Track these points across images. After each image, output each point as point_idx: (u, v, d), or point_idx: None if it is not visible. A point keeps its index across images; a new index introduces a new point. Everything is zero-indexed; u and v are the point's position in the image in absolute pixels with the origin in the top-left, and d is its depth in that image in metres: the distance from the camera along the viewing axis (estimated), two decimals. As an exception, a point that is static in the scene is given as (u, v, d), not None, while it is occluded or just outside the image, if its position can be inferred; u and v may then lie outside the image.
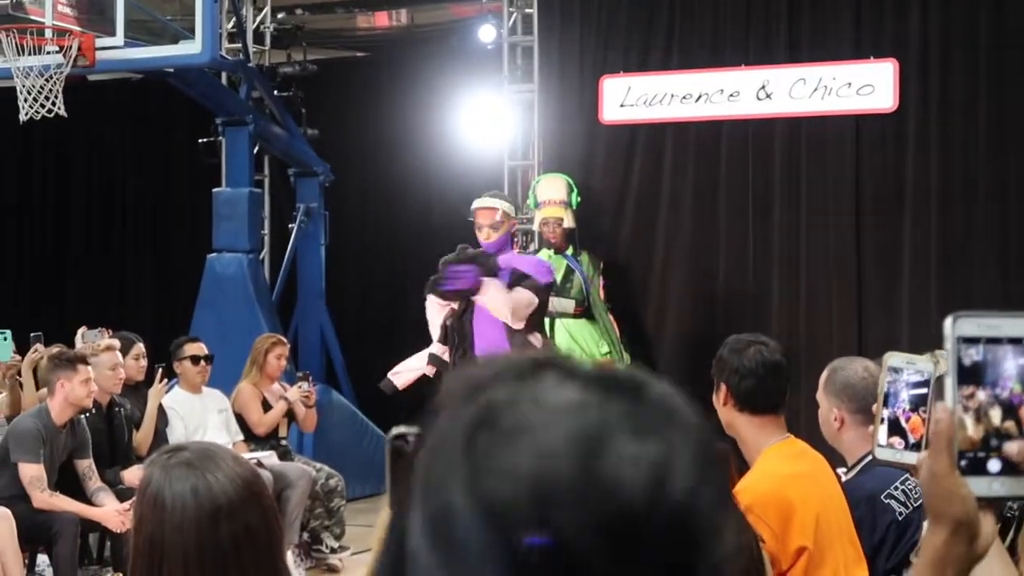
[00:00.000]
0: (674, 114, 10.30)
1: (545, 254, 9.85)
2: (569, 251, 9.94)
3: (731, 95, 10.12)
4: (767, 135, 10.15)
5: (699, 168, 10.35)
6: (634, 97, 10.34)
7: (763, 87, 10.02)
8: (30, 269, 14.30)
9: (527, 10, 11.11)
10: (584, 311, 9.81)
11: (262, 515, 2.20)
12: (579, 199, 10.07)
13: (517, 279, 7.26)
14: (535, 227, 10.27)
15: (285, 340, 8.67)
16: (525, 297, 7.19)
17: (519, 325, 7.16)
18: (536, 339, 7.31)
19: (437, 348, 7.49)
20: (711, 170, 10.32)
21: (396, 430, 1.30)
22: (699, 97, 10.17)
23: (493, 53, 11.49)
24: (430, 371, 7.52)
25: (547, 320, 9.64)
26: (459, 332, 7.32)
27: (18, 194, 14.48)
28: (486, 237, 7.44)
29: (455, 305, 7.36)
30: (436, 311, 7.46)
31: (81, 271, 14.03)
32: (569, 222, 9.96)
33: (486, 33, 11.60)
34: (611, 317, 9.86)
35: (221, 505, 2.13)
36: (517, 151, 11.18)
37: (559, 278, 9.77)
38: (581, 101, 10.70)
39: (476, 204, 7.62)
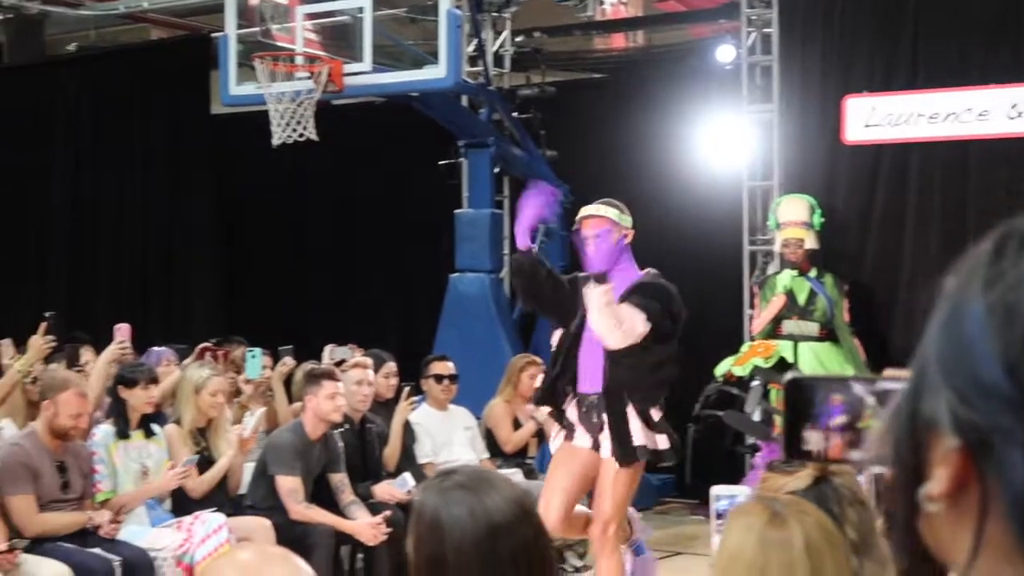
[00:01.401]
0: (921, 133, 10.09)
1: (788, 276, 9.75)
2: (812, 273, 9.82)
3: (980, 114, 9.87)
4: (1018, 154, 9.88)
5: (946, 187, 10.13)
6: (879, 117, 10.17)
7: (1014, 106, 9.76)
8: (277, 288, 14.73)
9: (766, 29, 11.03)
10: (828, 334, 9.69)
11: (535, 531, 2.28)
12: (822, 220, 9.95)
13: (633, 292, 6.35)
14: (776, 248, 10.18)
15: (539, 361, 8.77)
16: (633, 317, 6.21)
17: (620, 344, 6.16)
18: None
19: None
20: (958, 189, 10.09)
21: (791, 375, 1.44)
22: (947, 116, 9.95)
23: (731, 73, 11.44)
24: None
25: (791, 343, 9.54)
26: (565, 360, 6.53)
27: (262, 215, 14.96)
28: (593, 250, 6.42)
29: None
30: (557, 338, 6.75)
31: (326, 289, 14.38)
32: (811, 243, 9.85)
33: (724, 53, 11.56)
34: (855, 340, 9.71)
35: (498, 523, 2.21)
36: (756, 172, 11.10)
37: (802, 300, 9.66)
38: (823, 121, 10.57)
39: (581, 212, 6.56)
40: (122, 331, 7.84)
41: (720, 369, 9.80)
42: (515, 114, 11.73)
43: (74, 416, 6.60)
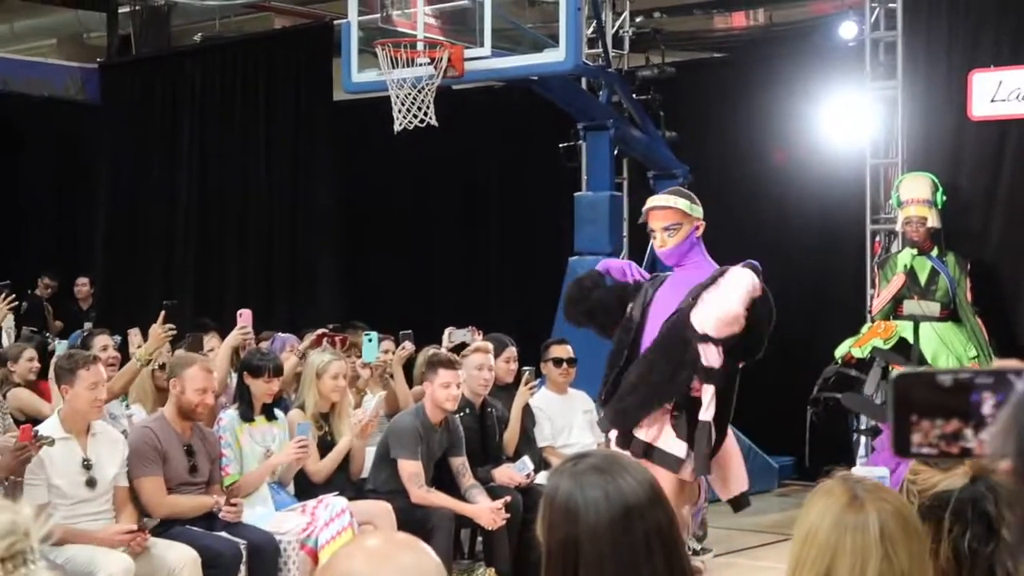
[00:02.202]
0: (1049, 108, 9.89)
1: (909, 254, 9.61)
2: (934, 252, 9.67)
3: (1112, 87, 9.65)
4: None
5: (1076, 163, 9.92)
6: (1005, 91, 9.96)
7: None
8: (399, 272, 14.86)
9: (890, 4, 10.86)
10: (950, 313, 9.53)
11: (667, 514, 2.28)
12: (944, 198, 9.78)
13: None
14: (898, 227, 10.04)
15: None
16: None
17: (720, 333, 5.73)
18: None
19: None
20: (1089, 165, 9.87)
21: (899, 371, 1.43)
22: (1076, 90, 9.73)
23: (854, 50, 11.29)
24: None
25: (912, 324, 9.40)
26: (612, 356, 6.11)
27: (384, 200, 15.10)
28: (660, 244, 5.96)
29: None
30: None
31: (446, 273, 14.49)
32: (933, 222, 9.69)
33: (847, 30, 11.40)
34: (978, 320, 9.54)
35: (632, 506, 2.23)
36: (880, 149, 10.96)
37: (924, 279, 9.51)
38: (948, 97, 10.39)
39: (648, 203, 6.11)
40: (244, 316, 7.98)
41: (840, 351, 9.70)
42: (634, 96, 11.69)
43: (200, 391, 6.72)
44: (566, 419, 8.65)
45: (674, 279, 5.97)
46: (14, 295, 8.56)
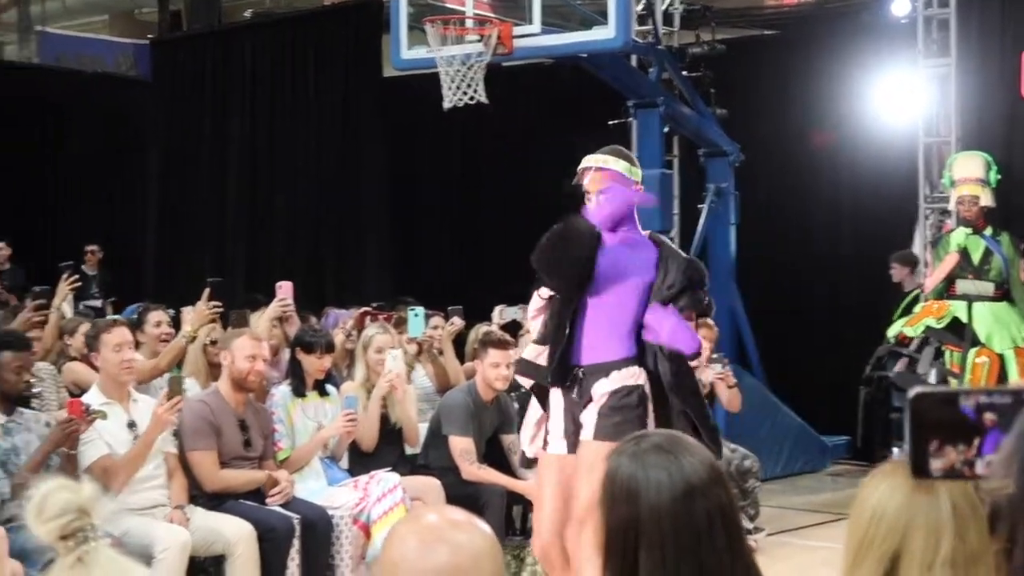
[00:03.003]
0: (1104, 86, 9.79)
1: (962, 233, 9.54)
2: (988, 231, 9.59)
3: None
4: None
5: None
6: (1060, 69, 9.87)
7: None
8: (448, 248, 14.89)
9: (943, -19, 10.79)
10: (1004, 293, 9.45)
11: (728, 494, 2.29)
12: (998, 177, 9.70)
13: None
14: (951, 206, 9.98)
15: (712, 324, 8.71)
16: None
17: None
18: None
19: (531, 351, 5.62)
20: None
21: (917, 390, 1.38)
22: None
23: (907, 27, 11.20)
24: (525, 382, 5.70)
25: (965, 304, 9.34)
26: (557, 330, 5.42)
27: (434, 177, 15.13)
28: (596, 209, 5.41)
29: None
30: (537, 307, 5.64)
31: (496, 249, 14.50)
32: (986, 201, 9.60)
33: (899, 7, 11.31)
34: (1032, 300, 9.46)
35: (694, 485, 2.24)
36: (933, 128, 10.88)
37: (977, 259, 9.45)
38: (1001, 75, 10.32)
39: (583, 163, 5.54)
40: (283, 289, 8.00)
41: (892, 330, 9.65)
42: (685, 73, 11.65)
43: (249, 357, 6.76)
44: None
45: (612, 248, 5.41)
46: (77, 275, 8.64)
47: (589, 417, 5.24)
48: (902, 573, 2.45)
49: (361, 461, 7.43)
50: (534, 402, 5.55)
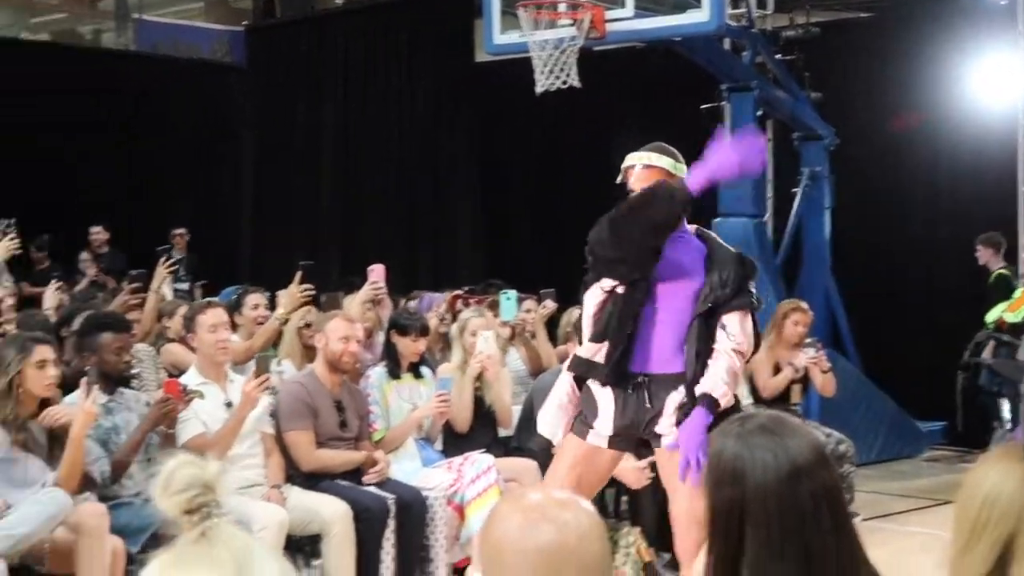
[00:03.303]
0: None
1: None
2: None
3: None
4: None
5: None
6: None
7: None
8: (541, 231, 14.88)
9: (1043, -38, 10.61)
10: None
11: (833, 476, 2.27)
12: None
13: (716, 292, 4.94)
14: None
15: (806, 308, 8.65)
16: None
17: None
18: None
19: (586, 349, 5.15)
20: None
21: None
22: None
23: (1006, 8, 11.03)
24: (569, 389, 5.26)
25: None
26: (620, 329, 5.02)
27: (526, 161, 15.13)
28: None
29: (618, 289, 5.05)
30: (594, 299, 5.17)
31: (584, 234, 14.45)
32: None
33: (998, -10, 11.15)
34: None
35: (800, 466, 2.22)
36: (1032, 110, 10.72)
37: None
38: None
39: (626, 161, 5.25)
40: (375, 272, 8.05)
41: (991, 316, 9.53)
42: (778, 56, 11.56)
43: (343, 339, 6.82)
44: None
45: (680, 243, 5.08)
46: (174, 259, 8.79)
47: (667, 427, 4.96)
48: (1016, 557, 2.43)
49: (455, 443, 7.47)
50: (557, 386, 5.33)
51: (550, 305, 8.81)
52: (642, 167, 5.13)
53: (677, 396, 4.95)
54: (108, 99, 15.29)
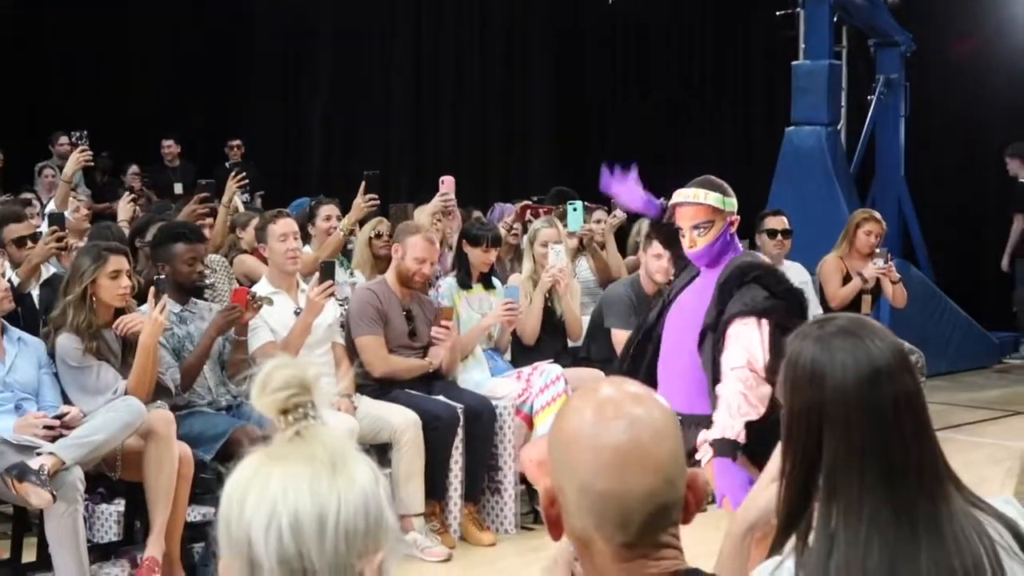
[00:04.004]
0: None
1: None
2: None
3: None
4: None
5: None
6: None
7: None
8: (610, 139, 14.78)
9: None
10: None
11: (915, 380, 2.23)
12: None
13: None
14: None
15: (879, 218, 8.55)
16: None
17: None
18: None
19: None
20: None
21: None
22: None
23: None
24: None
25: None
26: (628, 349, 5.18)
27: (597, 68, 15.01)
28: (690, 244, 4.96)
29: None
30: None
31: (664, 139, 14.32)
32: None
33: None
34: None
35: (881, 368, 2.18)
36: None
37: None
38: None
39: (674, 198, 5.10)
40: (446, 184, 8.04)
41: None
42: (854, -40, 11.37)
43: (419, 260, 6.85)
44: (781, 291, 8.54)
45: (703, 283, 5.00)
46: (245, 173, 8.83)
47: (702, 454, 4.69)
48: None
49: (524, 353, 7.49)
50: None
51: (620, 215, 8.77)
52: (688, 204, 4.96)
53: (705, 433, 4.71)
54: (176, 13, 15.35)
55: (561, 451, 1.93)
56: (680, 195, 5.01)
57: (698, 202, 4.93)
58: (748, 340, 4.60)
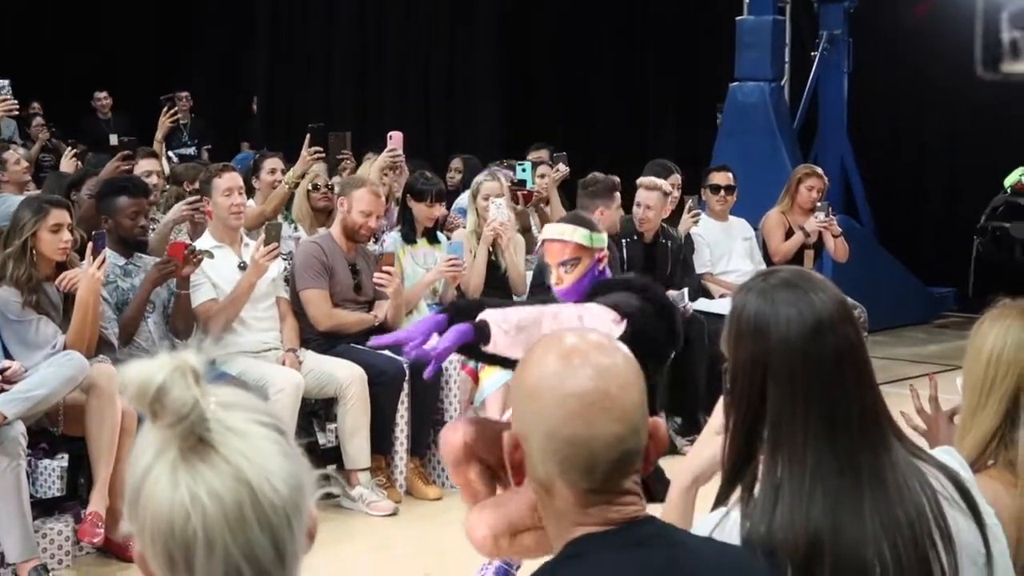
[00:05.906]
0: None
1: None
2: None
3: None
4: None
5: None
6: None
7: None
8: (555, 93, 14.69)
9: None
10: None
11: (857, 332, 2.25)
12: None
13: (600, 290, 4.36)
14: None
15: (821, 173, 8.59)
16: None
17: None
18: None
19: None
20: None
21: None
22: None
23: None
24: None
25: None
26: None
27: (541, 23, 14.92)
28: (556, 281, 4.72)
29: None
30: None
31: (604, 96, 14.28)
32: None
33: None
34: None
35: (824, 320, 2.19)
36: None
37: None
38: None
39: (542, 234, 5.02)
40: (394, 139, 8.03)
41: (1009, 179, 9.48)
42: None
43: (365, 213, 6.83)
44: (725, 246, 8.60)
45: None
46: (176, 109, 8.72)
47: None
48: None
49: (469, 307, 7.48)
50: None
51: (563, 168, 8.77)
52: (555, 241, 4.72)
53: None
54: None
55: (527, 398, 1.95)
56: (548, 231, 4.86)
57: (563, 239, 4.72)
58: (590, 313, 3.91)
